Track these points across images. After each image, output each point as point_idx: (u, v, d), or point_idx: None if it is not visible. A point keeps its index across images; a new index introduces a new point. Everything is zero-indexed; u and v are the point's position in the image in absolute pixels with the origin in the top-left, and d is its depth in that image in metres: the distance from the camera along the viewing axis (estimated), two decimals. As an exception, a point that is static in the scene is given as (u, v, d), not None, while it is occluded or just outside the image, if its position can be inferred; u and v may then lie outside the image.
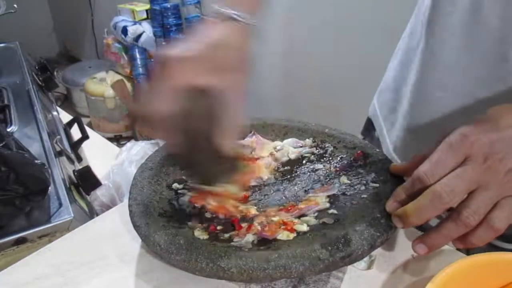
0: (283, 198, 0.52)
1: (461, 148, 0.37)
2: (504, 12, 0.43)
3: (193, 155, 0.44)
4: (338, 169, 0.55)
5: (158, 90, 0.38)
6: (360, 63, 1.54)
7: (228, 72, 0.40)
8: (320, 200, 0.49)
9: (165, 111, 0.38)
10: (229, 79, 0.40)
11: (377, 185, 0.50)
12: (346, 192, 0.51)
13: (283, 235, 0.44)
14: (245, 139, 0.60)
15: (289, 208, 0.49)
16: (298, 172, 0.56)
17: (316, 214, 0.47)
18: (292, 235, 0.44)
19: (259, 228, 0.45)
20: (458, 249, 0.48)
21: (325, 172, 0.55)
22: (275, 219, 0.46)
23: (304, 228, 0.45)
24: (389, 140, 0.64)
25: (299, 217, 0.48)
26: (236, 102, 0.40)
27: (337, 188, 0.50)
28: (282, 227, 0.45)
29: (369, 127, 0.71)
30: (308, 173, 0.55)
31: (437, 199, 0.37)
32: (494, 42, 0.45)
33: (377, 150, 0.56)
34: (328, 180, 0.53)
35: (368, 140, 0.68)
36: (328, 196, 0.50)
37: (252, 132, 0.61)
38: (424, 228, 0.63)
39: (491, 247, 0.60)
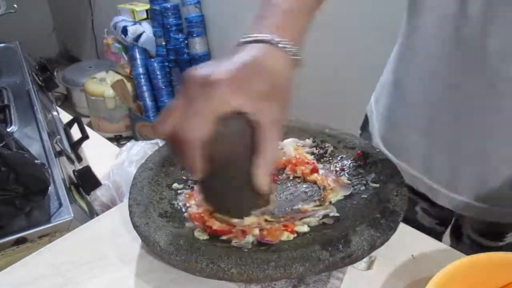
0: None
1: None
2: (486, 5, 0.43)
3: (224, 185, 0.41)
4: (338, 169, 0.55)
5: (195, 112, 0.35)
6: (360, 63, 1.54)
7: (266, 98, 0.36)
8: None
9: (202, 136, 0.35)
10: (267, 106, 0.36)
11: (377, 185, 0.50)
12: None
13: (283, 236, 0.44)
14: None
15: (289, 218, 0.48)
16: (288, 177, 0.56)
17: (320, 217, 0.47)
18: (292, 236, 0.44)
19: (257, 232, 0.45)
20: (458, 249, 0.48)
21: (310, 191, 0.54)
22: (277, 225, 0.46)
23: (304, 229, 0.45)
24: (377, 133, 0.65)
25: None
26: (273, 131, 0.37)
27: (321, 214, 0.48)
28: (283, 228, 0.45)
29: (365, 123, 0.71)
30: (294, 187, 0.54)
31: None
32: (477, 34, 0.45)
33: (377, 150, 0.56)
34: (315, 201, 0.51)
35: (364, 136, 0.68)
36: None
37: None
38: (425, 227, 0.64)
39: (476, 246, 0.61)
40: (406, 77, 0.57)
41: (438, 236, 0.65)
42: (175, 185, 0.53)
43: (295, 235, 0.45)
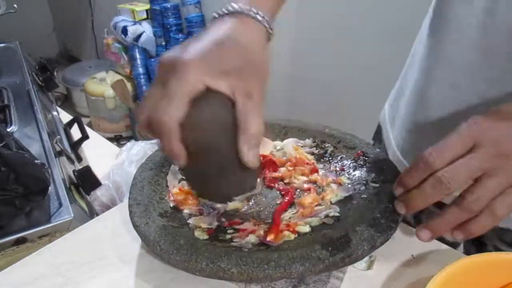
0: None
1: (469, 133, 0.36)
2: None
3: (205, 168, 0.39)
4: (338, 169, 0.55)
5: (167, 94, 0.34)
6: (362, 64, 1.54)
7: (241, 74, 0.36)
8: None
9: (177, 118, 0.34)
10: (243, 81, 0.36)
11: (377, 185, 0.50)
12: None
13: (285, 237, 0.44)
14: None
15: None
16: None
17: (322, 217, 0.47)
18: (293, 236, 0.44)
19: (261, 232, 0.45)
20: (457, 249, 0.48)
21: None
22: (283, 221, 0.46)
23: (306, 229, 0.45)
24: (394, 142, 0.64)
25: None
26: (253, 106, 0.36)
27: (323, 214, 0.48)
28: (285, 228, 0.45)
29: (379, 132, 0.70)
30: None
31: (437, 185, 0.37)
32: (504, 43, 0.45)
33: (377, 150, 0.56)
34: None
35: (376, 145, 0.67)
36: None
37: None
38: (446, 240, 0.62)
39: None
40: (430, 87, 0.55)
41: (458, 247, 0.63)
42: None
43: (296, 235, 0.45)
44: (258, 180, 0.44)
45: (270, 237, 0.43)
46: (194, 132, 0.36)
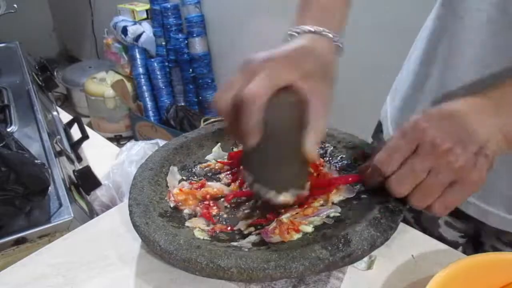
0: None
1: (412, 136, 0.39)
2: None
3: (272, 153, 0.42)
4: (338, 169, 0.55)
5: (255, 80, 0.37)
6: (361, 64, 1.54)
7: (316, 78, 0.40)
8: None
9: (265, 95, 0.37)
10: (317, 85, 0.40)
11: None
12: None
13: (292, 236, 0.44)
14: None
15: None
16: None
17: (324, 217, 0.47)
18: (296, 235, 0.44)
19: (270, 228, 0.45)
20: (464, 251, 0.48)
21: None
22: (285, 219, 0.46)
23: (309, 229, 0.45)
24: None
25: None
26: (323, 108, 0.40)
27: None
28: (291, 227, 0.45)
29: (378, 130, 0.70)
30: None
31: (389, 190, 0.42)
32: None
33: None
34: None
35: (376, 143, 0.67)
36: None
37: None
38: (447, 240, 0.63)
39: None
40: (432, 85, 0.55)
41: (458, 247, 0.64)
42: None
43: (300, 235, 0.45)
44: (308, 182, 0.47)
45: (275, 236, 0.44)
46: (272, 115, 0.39)
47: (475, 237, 0.64)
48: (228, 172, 0.55)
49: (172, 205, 0.49)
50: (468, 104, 0.40)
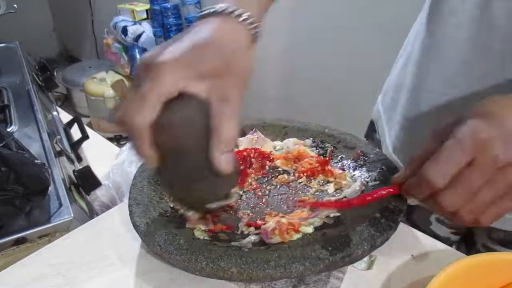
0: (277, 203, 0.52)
1: (470, 145, 0.35)
2: (508, 10, 0.43)
3: (177, 172, 0.38)
4: (338, 169, 0.55)
5: (140, 96, 0.34)
6: (360, 64, 1.54)
7: (219, 79, 0.35)
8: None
9: (148, 120, 0.34)
10: (219, 84, 0.36)
11: (377, 184, 0.50)
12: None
13: (292, 237, 0.44)
14: (247, 136, 0.60)
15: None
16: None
17: (323, 217, 0.47)
18: (296, 236, 0.44)
19: (267, 229, 0.45)
20: (458, 249, 0.48)
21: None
22: (284, 220, 0.46)
23: (309, 230, 0.45)
24: (389, 141, 0.64)
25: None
26: (228, 112, 0.36)
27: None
28: (290, 227, 0.45)
29: (371, 130, 0.71)
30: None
31: (439, 208, 0.37)
32: (499, 40, 0.45)
33: (377, 150, 0.56)
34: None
35: (370, 142, 0.68)
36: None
37: (254, 129, 0.61)
38: (439, 237, 0.63)
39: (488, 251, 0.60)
40: (425, 83, 0.55)
41: (451, 245, 0.64)
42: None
43: (300, 235, 0.45)
44: (233, 189, 0.43)
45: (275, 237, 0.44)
46: (163, 134, 0.35)
47: (468, 236, 0.64)
48: None
49: (172, 205, 0.49)
50: None
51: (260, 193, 0.53)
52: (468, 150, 0.35)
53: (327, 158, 0.56)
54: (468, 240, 0.64)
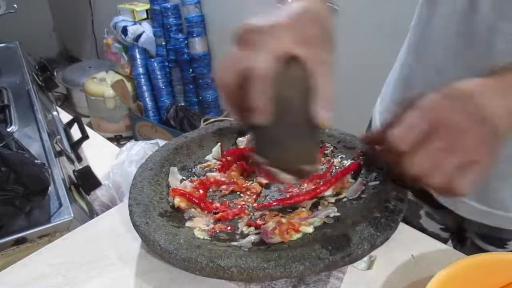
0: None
1: (432, 114, 0.38)
2: (496, 2, 0.44)
3: (282, 130, 0.40)
4: (338, 169, 0.55)
5: (257, 52, 0.36)
6: (360, 63, 1.54)
7: (319, 45, 0.39)
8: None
9: (269, 68, 0.36)
10: (322, 52, 0.39)
11: (377, 184, 0.50)
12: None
13: (292, 236, 0.44)
14: (247, 136, 0.60)
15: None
16: None
17: (323, 217, 0.47)
18: (296, 235, 0.44)
19: (267, 229, 0.45)
20: (458, 249, 0.48)
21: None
22: (284, 220, 0.46)
23: (309, 230, 0.45)
24: None
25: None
26: (328, 74, 0.39)
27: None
28: (290, 227, 0.45)
29: (369, 127, 0.71)
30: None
31: (408, 169, 0.39)
32: (485, 30, 0.46)
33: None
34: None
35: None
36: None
37: None
38: (429, 232, 0.63)
39: (479, 252, 0.60)
40: (416, 72, 0.56)
41: (444, 242, 0.65)
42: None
43: (300, 235, 0.45)
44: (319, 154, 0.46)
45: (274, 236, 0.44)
46: (280, 90, 0.37)
47: (461, 232, 0.65)
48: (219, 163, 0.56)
49: (174, 199, 0.50)
50: (483, 84, 0.39)
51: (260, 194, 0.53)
52: (429, 117, 0.38)
53: (341, 170, 0.54)
54: (460, 237, 0.65)
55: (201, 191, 0.52)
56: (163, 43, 2.20)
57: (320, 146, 0.46)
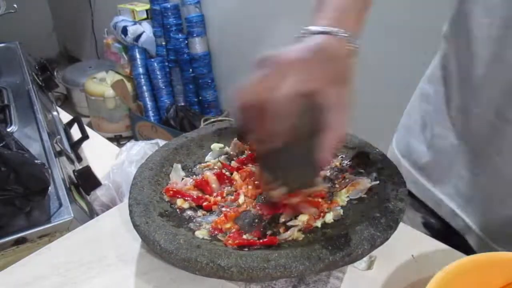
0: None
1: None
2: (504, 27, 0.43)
3: (289, 156, 0.42)
4: (338, 170, 0.55)
5: (278, 84, 0.37)
6: (360, 63, 1.54)
7: (337, 83, 0.39)
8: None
9: (290, 98, 0.37)
10: (341, 90, 0.40)
11: (377, 183, 0.50)
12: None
13: (294, 235, 0.44)
14: None
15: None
16: None
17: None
18: (301, 236, 0.44)
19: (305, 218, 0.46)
20: (458, 249, 0.48)
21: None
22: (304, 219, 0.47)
23: (318, 224, 0.46)
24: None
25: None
26: (342, 115, 0.40)
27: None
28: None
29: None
30: None
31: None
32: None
33: (377, 149, 0.56)
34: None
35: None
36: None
37: None
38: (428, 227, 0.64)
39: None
40: (468, 103, 0.54)
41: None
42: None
43: (303, 236, 0.45)
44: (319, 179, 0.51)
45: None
46: (298, 120, 0.39)
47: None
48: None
49: (177, 202, 0.50)
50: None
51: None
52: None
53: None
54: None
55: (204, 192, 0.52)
56: (163, 43, 2.20)
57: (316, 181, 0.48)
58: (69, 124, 1.19)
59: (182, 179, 0.54)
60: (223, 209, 0.49)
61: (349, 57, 0.41)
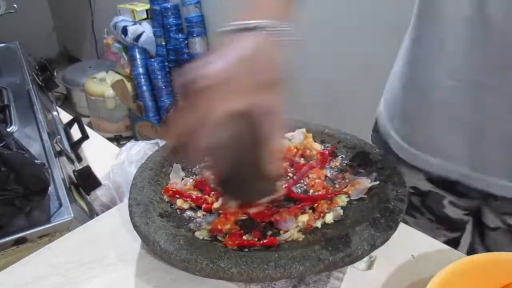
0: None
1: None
2: (508, 7, 0.43)
3: (237, 179, 0.42)
4: (338, 170, 0.55)
5: (196, 122, 0.36)
6: (360, 63, 1.54)
7: (265, 90, 0.37)
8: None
9: (209, 143, 0.36)
10: (269, 96, 0.37)
11: (377, 182, 0.50)
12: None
13: (294, 235, 0.44)
14: None
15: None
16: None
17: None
18: (301, 237, 0.44)
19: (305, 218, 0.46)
20: (458, 249, 0.48)
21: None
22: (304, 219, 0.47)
23: (318, 224, 0.46)
24: (395, 133, 0.64)
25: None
26: (277, 121, 0.38)
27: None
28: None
29: (375, 130, 0.71)
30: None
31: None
32: (496, 34, 0.45)
33: (377, 149, 0.56)
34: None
35: (376, 136, 0.68)
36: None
37: None
38: (451, 219, 0.64)
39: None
40: (427, 78, 0.55)
41: (463, 225, 0.66)
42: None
43: (303, 236, 0.45)
44: (279, 183, 0.48)
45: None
46: (228, 138, 0.37)
47: (477, 216, 0.64)
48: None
49: (177, 202, 0.50)
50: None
51: None
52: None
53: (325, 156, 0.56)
54: (479, 222, 0.65)
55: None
56: (163, 43, 2.20)
57: (278, 178, 0.48)
58: (69, 124, 1.18)
59: (182, 179, 0.54)
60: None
61: (280, 53, 0.39)
